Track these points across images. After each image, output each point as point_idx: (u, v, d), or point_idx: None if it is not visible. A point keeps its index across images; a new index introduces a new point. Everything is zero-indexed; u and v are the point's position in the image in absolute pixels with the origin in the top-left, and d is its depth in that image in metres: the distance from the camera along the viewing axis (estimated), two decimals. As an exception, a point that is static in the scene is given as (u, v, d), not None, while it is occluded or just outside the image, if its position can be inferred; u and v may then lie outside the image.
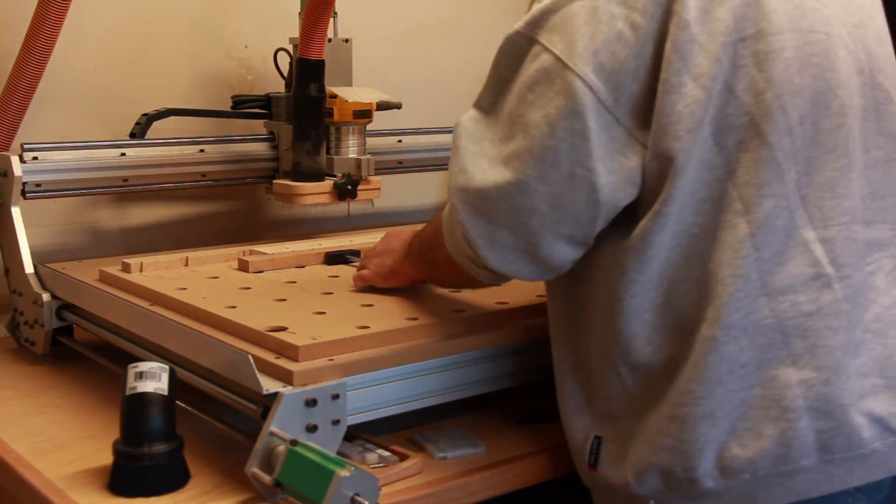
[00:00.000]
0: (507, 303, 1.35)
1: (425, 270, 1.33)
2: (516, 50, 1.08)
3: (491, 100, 1.11)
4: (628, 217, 1.07)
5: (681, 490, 1.06)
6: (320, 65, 1.72)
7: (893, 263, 1.13)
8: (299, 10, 1.79)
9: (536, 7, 1.07)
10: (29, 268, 1.55)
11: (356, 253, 1.60)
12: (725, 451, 1.04)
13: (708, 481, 1.05)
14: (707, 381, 1.03)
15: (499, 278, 1.16)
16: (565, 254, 1.09)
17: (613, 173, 1.04)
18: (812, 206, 1.06)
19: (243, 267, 1.55)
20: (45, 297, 1.52)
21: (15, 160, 1.55)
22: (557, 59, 1.04)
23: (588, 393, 1.15)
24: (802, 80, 1.05)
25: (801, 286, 1.04)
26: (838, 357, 1.05)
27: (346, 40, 1.82)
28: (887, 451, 1.07)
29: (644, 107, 1.03)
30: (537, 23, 1.06)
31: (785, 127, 1.04)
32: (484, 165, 1.08)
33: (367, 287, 1.42)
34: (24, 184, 1.56)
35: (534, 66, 1.06)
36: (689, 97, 1.02)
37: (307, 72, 1.71)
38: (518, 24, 1.08)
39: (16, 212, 1.56)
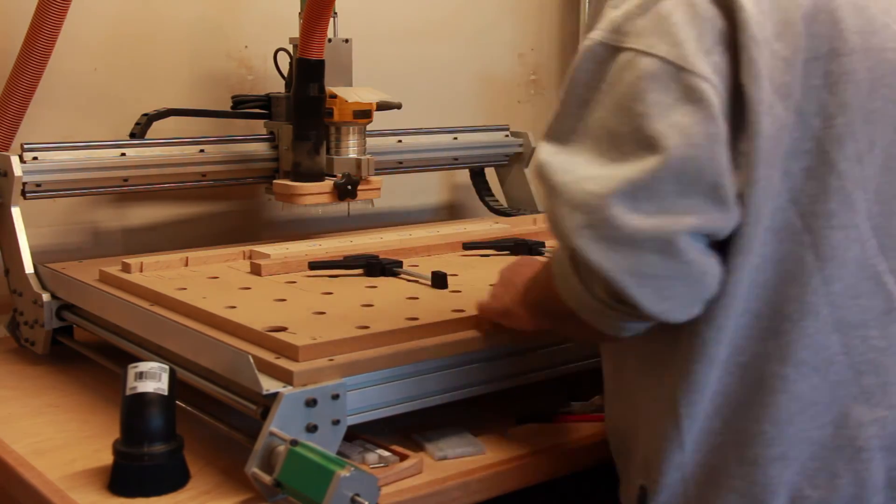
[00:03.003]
0: (507, 303, 1.35)
1: (548, 322, 1.17)
2: (598, 63, 0.97)
3: (569, 126, 0.99)
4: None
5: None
6: (320, 65, 1.72)
7: None
8: (299, 10, 1.79)
9: (614, 13, 0.98)
10: (29, 268, 1.55)
11: (376, 257, 1.59)
12: (797, 492, 1.02)
13: None
14: (778, 421, 1.01)
15: (637, 322, 1.00)
16: (715, 268, 0.97)
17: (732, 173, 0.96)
18: (884, 236, 1.02)
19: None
20: (45, 297, 1.52)
21: (15, 160, 1.55)
22: (666, 61, 0.93)
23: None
24: (873, 103, 1.00)
25: (873, 321, 1.01)
26: None
27: (346, 40, 1.82)
28: None
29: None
30: (621, 29, 0.96)
31: (855, 154, 0.99)
32: (596, 190, 0.93)
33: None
34: (24, 184, 1.56)
35: (632, 74, 0.94)
36: (777, 118, 0.96)
37: (307, 72, 1.71)
38: (595, 35, 0.98)
39: (16, 212, 1.56)
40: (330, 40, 1.76)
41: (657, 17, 0.95)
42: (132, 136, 1.76)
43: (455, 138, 2.09)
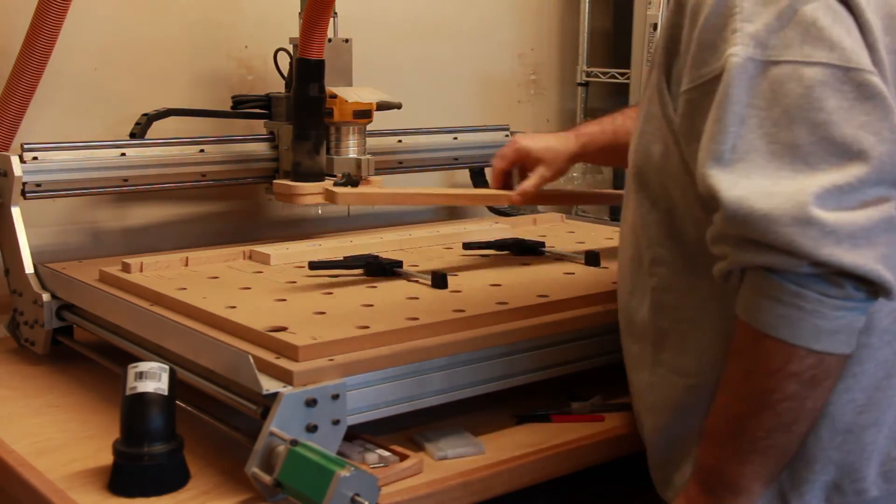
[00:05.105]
0: (507, 303, 1.35)
1: (753, 456, 1.04)
2: (750, 79, 0.97)
3: (730, 145, 0.97)
4: None
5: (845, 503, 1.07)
6: (320, 65, 1.72)
7: None
8: (299, 10, 1.79)
9: (751, 28, 0.98)
10: (29, 268, 1.55)
11: (376, 257, 1.59)
12: (886, 456, 1.06)
13: (873, 489, 1.06)
14: (867, 388, 1.04)
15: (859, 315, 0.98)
16: None
17: None
18: None
19: (330, 198, 1.55)
20: (45, 297, 1.52)
21: (15, 160, 1.55)
22: (831, 66, 0.95)
23: None
24: None
25: None
26: None
27: (346, 40, 1.82)
28: None
29: None
30: (766, 43, 0.97)
31: None
32: (806, 199, 0.92)
33: None
34: (24, 184, 1.56)
35: (799, 86, 0.95)
36: None
37: (307, 72, 1.71)
38: (739, 51, 0.97)
39: (16, 212, 1.56)
40: (330, 40, 1.76)
41: (803, 26, 0.96)
42: (132, 136, 1.76)
43: (455, 138, 2.09)
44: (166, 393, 1.12)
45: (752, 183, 0.95)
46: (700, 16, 1.01)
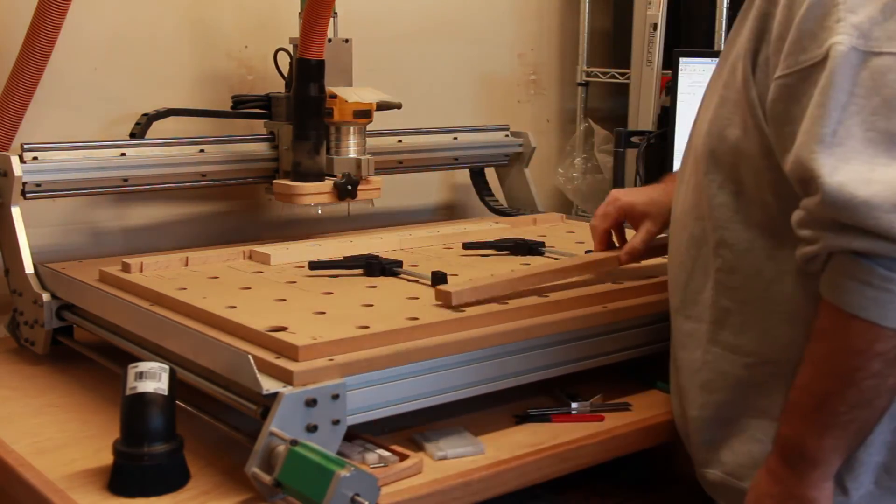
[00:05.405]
0: (507, 303, 1.35)
1: (833, 432, 1.08)
2: (852, 67, 1.01)
3: (830, 130, 1.01)
4: None
5: (892, 486, 1.11)
6: (320, 65, 1.72)
7: None
8: (299, 10, 1.79)
9: (854, 18, 1.02)
10: (29, 268, 1.55)
11: (376, 257, 1.59)
12: None
13: None
14: None
15: None
16: None
17: None
18: None
19: (445, 301, 1.33)
20: (45, 297, 1.52)
21: (15, 160, 1.55)
22: None
23: None
24: None
25: None
26: None
27: (346, 40, 1.82)
28: None
29: None
30: (870, 34, 1.01)
31: None
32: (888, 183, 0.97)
33: None
34: (24, 184, 1.56)
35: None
36: None
37: (307, 72, 1.71)
38: (843, 40, 1.01)
39: (16, 212, 1.56)
40: (330, 40, 1.76)
41: None
42: (132, 136, 1.76)
43: (455, 138, 2.09)
44: (166, 393, 1.12)
45: (850, 169, 0.98)
46: (800, 5, 1.05)
